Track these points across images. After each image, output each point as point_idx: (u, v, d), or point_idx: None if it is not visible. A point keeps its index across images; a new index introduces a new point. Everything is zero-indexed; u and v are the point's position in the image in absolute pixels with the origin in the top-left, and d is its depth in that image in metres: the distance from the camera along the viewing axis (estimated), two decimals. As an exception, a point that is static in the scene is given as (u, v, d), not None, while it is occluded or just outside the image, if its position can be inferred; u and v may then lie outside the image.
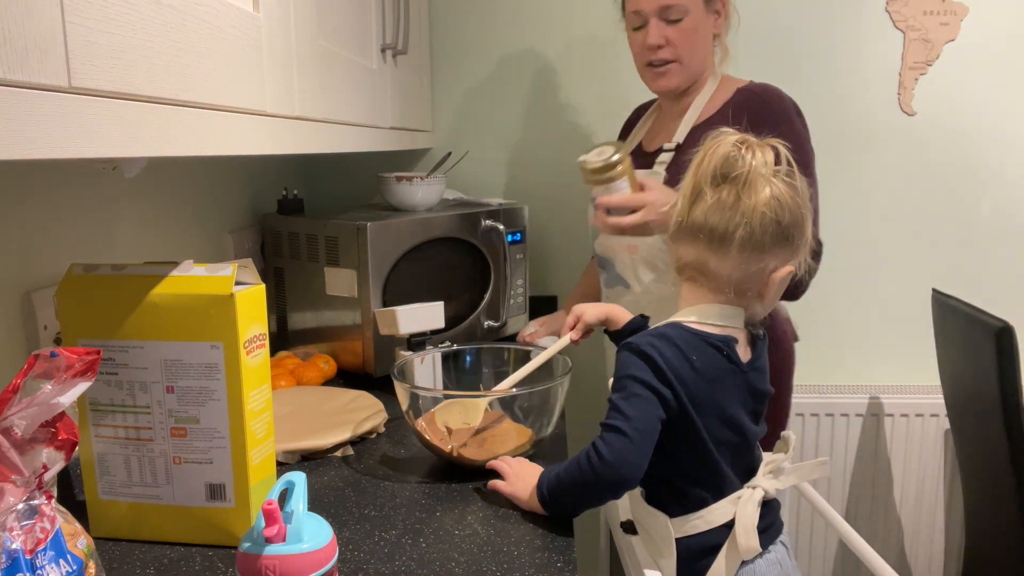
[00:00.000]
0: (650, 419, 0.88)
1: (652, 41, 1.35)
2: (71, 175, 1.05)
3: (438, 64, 2.00)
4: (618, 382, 0.91)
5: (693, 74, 1.40)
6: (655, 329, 0.94)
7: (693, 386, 0.90)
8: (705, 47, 1.39)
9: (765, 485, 0.97)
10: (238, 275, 0.82)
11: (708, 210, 0.90)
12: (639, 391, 0.88)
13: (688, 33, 1.35)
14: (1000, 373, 1.46)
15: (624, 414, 0.88)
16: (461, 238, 1.59)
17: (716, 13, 1.39)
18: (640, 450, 0.88)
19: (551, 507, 0.92)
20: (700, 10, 1.35)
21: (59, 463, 0.62)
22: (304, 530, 0.68)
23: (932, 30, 1.92)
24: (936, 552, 2.08)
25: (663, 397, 0.89)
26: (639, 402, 0.88)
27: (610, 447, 0.87)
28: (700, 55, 1.39)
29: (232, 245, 1.55)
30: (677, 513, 0.93)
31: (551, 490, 0.92)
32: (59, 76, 0.46)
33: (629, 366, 0.91)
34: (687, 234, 0.93)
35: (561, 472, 0.92)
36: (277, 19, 0.83)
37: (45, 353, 0.58)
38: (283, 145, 0.87)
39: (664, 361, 0.89)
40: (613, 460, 0.87)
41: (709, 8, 1.37)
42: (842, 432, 2.04)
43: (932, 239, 2.02)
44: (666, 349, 0.90)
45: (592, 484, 0.89)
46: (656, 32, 1.35)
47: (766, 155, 0.90)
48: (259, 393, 0.85)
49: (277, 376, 1.37)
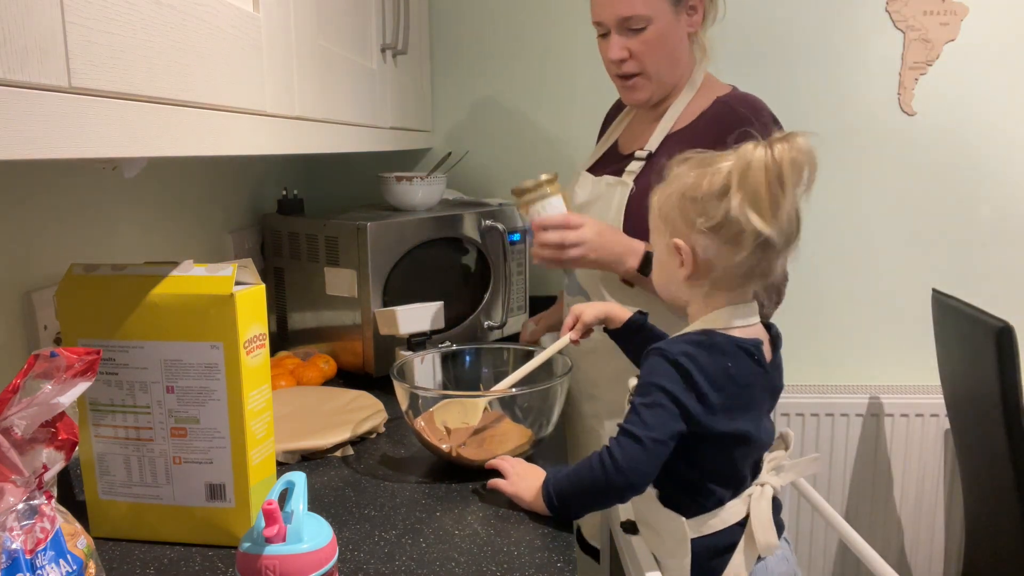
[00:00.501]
0: (668, 431, 0.87)
1: (612, 55, 1.26)
2: (71, 175, 1.05)
3: (438, 64, 2.00)
4: (644, 387, 0.90)
5: (664, 83, 1.29)
6: (688, 336, 0.92)
7: (727, 392, 0.90)
8: (676, 53, 1.28)
9: (772, 482, 0.97)
10: (238, 275, 0.82)
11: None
12: (663, 402, 0.87)
13: (652, 44, 1.24)
14: (1000, 373, 1.46)
15: (644, 421, 0.87)
16: (461, 238, 1.59)
17: (690, 11, 1.27)
18: (653, 461, 0.88)
19: (557, 508, 0.92)
20: (666, 15, 1.23)
21: (59, 463, 0.62)
22: (304, 530, 0.68)
23: (932, 30, 1.92)
24: (936, 552, 2.08)
25: (687, 410, 0.87)
26: (661, 413, 0.87)
27: (624, 452, 0.87)
28: (669, 63, 1.28)
29: (232, 245, 1.55)
30: (694, 513, 0.93)
31: (559, 492, 0.92)
32: (59, 76, 0.46)
33: (658, 374, 0.89)
34: (730, 240, 0.89)
35: (571, 474, 0.92)
36: (277, 19, 0.83)
37: (45, 353, 0.58)
38: (283, 145, 0.87)
39: (699, 370, 0.87)
40: (626, 466, 0.87)
41: (679, 8, 1.25)
42: (842, 432, 2.04)
43: (932, 239, 2.02)
44: (701, 356, 0.88)
45: (602, 488, 0.89)
46: (616, 45, 1.25)
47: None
48: (259, 393, 0.85)
49: (277, 376, 1.37)
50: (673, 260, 0.92)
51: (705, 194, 0.88)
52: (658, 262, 0.97)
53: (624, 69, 1.28)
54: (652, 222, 0.96)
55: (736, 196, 0.85)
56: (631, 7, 1.23)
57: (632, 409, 0.90)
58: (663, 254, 0.95)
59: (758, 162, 0.84)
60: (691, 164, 0.92)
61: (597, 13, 1.27)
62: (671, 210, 0.91)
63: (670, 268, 0.94)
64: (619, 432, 0.90)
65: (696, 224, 0.89)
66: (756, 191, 0.84)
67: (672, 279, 0.94)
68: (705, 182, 0.88)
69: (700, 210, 0.88)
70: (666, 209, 0.92)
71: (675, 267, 0.92)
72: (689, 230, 0.90)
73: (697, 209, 0.88)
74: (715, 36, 1.35)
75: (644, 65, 1.27)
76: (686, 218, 0.90)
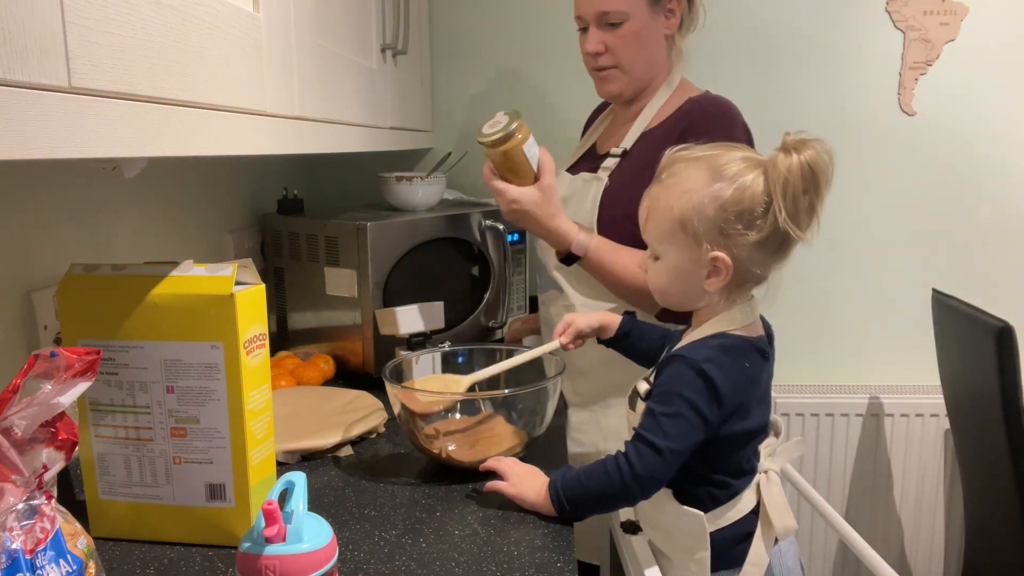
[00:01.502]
0: (688, 443, 0.88)
1: (589, 48, 1.31)
2: (71, 175, 1.05)
3: (438, 64, 2.00)
4: (666, 395, 0.89)
5: (637, 79, 1.33)
6: (708, 341, 0.92)
7: (744, 392, 0.91)
8: (651, 51, 1.31)
9: (772, 467, 0.99)
10: (238, 275, 0.82)
11: None
12: (687, 413, 0.87)
13: (628, 39, 1.28)
14: (1000, 373, 1.46)
15: (665, 432, 0.87)
16: (461, 238, 1.59)
17: (668, 13, 1.30)
18: (669, 470, 0.89)
19: (568, 511, 0.92)
20: (643, 13, 1.27)
21: (59, 463, 0.62)
22: (304, 530, 0.68)
23: (932, 30, 1.92)
24: (936, 552, 2.08)
25: (707, 420, 0.88)
26: (683, 424, 0.87)
27: (643, 461, 0.88)
28: (644, 60, 1.31)
29: (232, 245, 1.55)
30: (711, 507, 0.94)
31: (569, 495, 0.91)
32: (59, 76, 0.46)
33: (683, 384, 0.88)
34: (775, 250, 0.90)
35: (582, 477, 0.92)
36: (277, 19, 0.83)
37: (45, 353, 0.58)
38: (283, 145, 0.87)
39: (724, 376, 0.88)
40: (644, 474, 0.88)
41: (657, 9, 1.28)
42: (842, 432, 2.04)
43: (932, 239, 2.02)
44: (725, 362, 0.89)
45: (616, 494, 0.90)
46: (594, 38, 1.30)
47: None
48: (259, 393, 0.85)
49: (277, 376, 1.37)
50: (699, 271, 0.91)
51: (748, 208, 0.87)
52: (671, 269, 0.94)
53: (600, 62, 1.33)
54: (663, 230, 0.92)
55: (781, 207, 0.85)
56: (609, 2, 1.27)
57: (651, 416, 0.89)
58: (684, 263, 0.92)
59: (795, 170, 0.85)
60: (701, 167, 0.90)
61: (578, 8, 1.33)
62: (704, 223, 0.88)
63: (693, 278, 0.92)
64: (636, 438, 0.90)
65: (739, 238, 0.88)
66: (796, 199, 0.85)
67: (692, 287, 0.93)
68: (747, 195, 0.87)
69: (748, 224, 0.87)
70: (696, 222, 0.88)
71: (700, 277, 0.91)
72: (729, 242, 0.88)
73: (744, 223, 0.87)
74: (708, 38, 1.37)
75: (619, 59, 1.31)
76: (724, 232, 0.88)
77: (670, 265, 0.93)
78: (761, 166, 0.88)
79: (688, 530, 0.94)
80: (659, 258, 0.95)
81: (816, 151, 0.86)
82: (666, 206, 0.91)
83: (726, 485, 0.95)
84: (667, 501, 0.94)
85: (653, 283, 0.97)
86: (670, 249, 0.93)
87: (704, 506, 0.93)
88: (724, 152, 0.91)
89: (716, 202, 0.87)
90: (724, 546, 0.94)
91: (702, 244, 0.89)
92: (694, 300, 0.95)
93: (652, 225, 0.94)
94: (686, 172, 0.91)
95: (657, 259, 0.95)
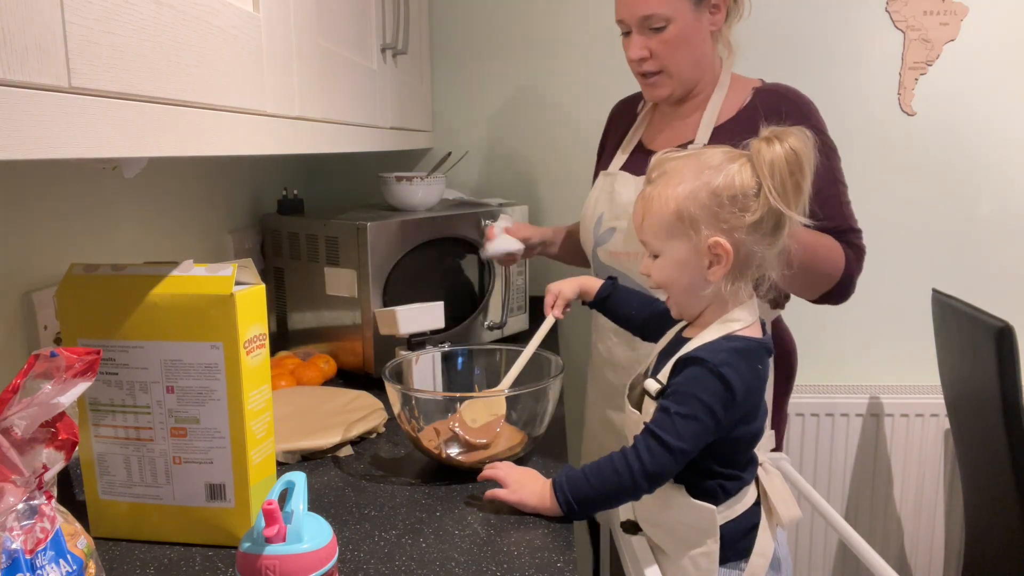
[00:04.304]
0: (699, 444, 0.89)
1: (632, 55, 1.28)
2: (71, 175, 1.05)
3: (438, 64, 2.00)
4: (683, 396, 0.89)
5: (685, 81, 1.30)
6: (721, 343, 0.92)
7: (757, 395, 0.93)
8: (698, 51, 1.29)
9: (762, 457, 1.01)
10: (238, 275, 0.82)
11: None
12: (702, 416, 0.88)
13: (672, 43, 1.25)
14: (1000, 373, 1.46)
15: (678, 432, 0.88)
16: (461, 238, 1.59)
17: (712, 10, 1.27)
18: (676, 469, 0.90)
19: (576, 511, 0.92)
20: (687, 15, 1.24)
21: (59, 463, 0.62)
22: (304, 530, 0.68)
23: (932, 30, 1.92)
24: (936, 552, 2.08)
25: (721, 425, 0.89)
26: (696, 426, 0.88)
27: (654, 459, 0.88)
28: (691, 61, 1.29)
29: (232, 245, 1.55)
30: (723, 500, 0.95)
31: (577, 495, 0.91)
32: (59, 76, 0.46)
33: (702, 387, 0.89)
34: (769, 232, 0.91)
35: (590, 476, 0.92)
36: (277, 19, 0.83)
37: (45, 353, 0.58)
38: (283, 145, 0.87)
39: (740, 380, 0.89)
40: (654, 471, 0.88)
41: (701, 7, 1.25)
42: (842, 432, 2.04)
43: (932, 239, 2.02)
44: (740, 364, 0.90)
45: (625, 490, 0.90)
46: (637, 44, 1.27)
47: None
48: (259, 393, 0.85)
49: (277, 376, 1.37)
50: (700, 261, 0.92)
51: (740, 191, 0.89)
52: (673, 263, 0.94)
53: (644, 68, 1.30)
54: (660, 224, 0.93)
55: (771, 188, 0.88)
56: (650, 6, 1.23)
57: (665, 413, 0.89)
58: (685, 254, 0.92)
59: (780, 155, 0.88)
60: (688, 163, 0.93)
61: (619, 11, 1.29)
62: (698, 210, 0.90)
63: (695, 269, 0.92)
64: (647, 434, 0.89)
65: (735, 221, 0.89)
66: (784, 180, 0.88)
67: (695, 278, 0.93)
68: (737, 180, 0.89)
69: (742, 206, 0.89)
70: (693, 208, 0.90)
71: (702, 268, 0.92)
72: (724, 228, 0.90)
73: (738, 206, 0.89)
74: (740, 33, 1.36)
75: (664, 64, 1.28)
76: (720, 217, 0.90)
77: (671, 259, 0.94)
78: (744, 156, 0.91)
79: (696, 524, 0.94)
80: (659, 255, 0.95)
81: (797, 136, 0.89)
82: (661, 200, 0.93)
83: (736, 477, 0.96)
84: (677, 495, 0.94)
85: (658, 280, 0.97)
86: (669, 243, 0.94)
87: (716, 499, 0.94)
88: (707, 149, 0.95)
89: (708, 188, 0.90)
90: (733, 538, 0.95)
91: (700, 231, 0.90)
92: (699, 293, 0.95)
93: (649, 222, 0.95)
94: (675, 169, 0.93)
95: (657, 257, 0.96)
